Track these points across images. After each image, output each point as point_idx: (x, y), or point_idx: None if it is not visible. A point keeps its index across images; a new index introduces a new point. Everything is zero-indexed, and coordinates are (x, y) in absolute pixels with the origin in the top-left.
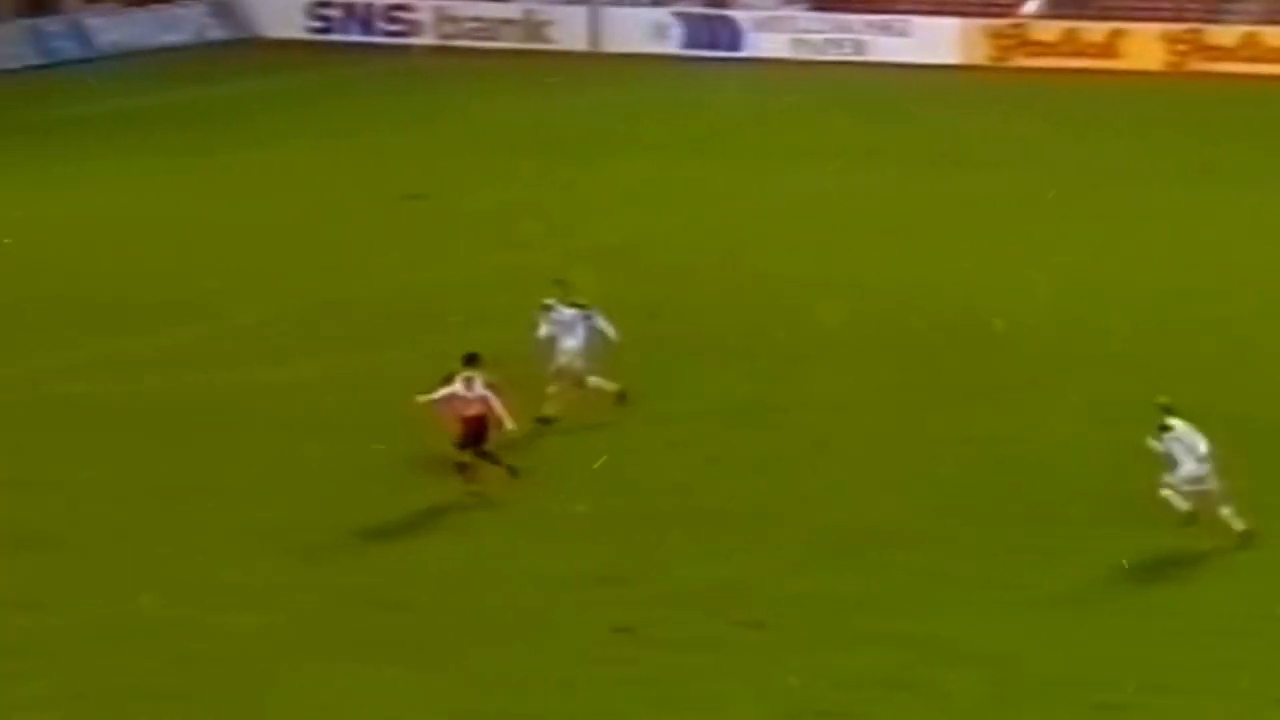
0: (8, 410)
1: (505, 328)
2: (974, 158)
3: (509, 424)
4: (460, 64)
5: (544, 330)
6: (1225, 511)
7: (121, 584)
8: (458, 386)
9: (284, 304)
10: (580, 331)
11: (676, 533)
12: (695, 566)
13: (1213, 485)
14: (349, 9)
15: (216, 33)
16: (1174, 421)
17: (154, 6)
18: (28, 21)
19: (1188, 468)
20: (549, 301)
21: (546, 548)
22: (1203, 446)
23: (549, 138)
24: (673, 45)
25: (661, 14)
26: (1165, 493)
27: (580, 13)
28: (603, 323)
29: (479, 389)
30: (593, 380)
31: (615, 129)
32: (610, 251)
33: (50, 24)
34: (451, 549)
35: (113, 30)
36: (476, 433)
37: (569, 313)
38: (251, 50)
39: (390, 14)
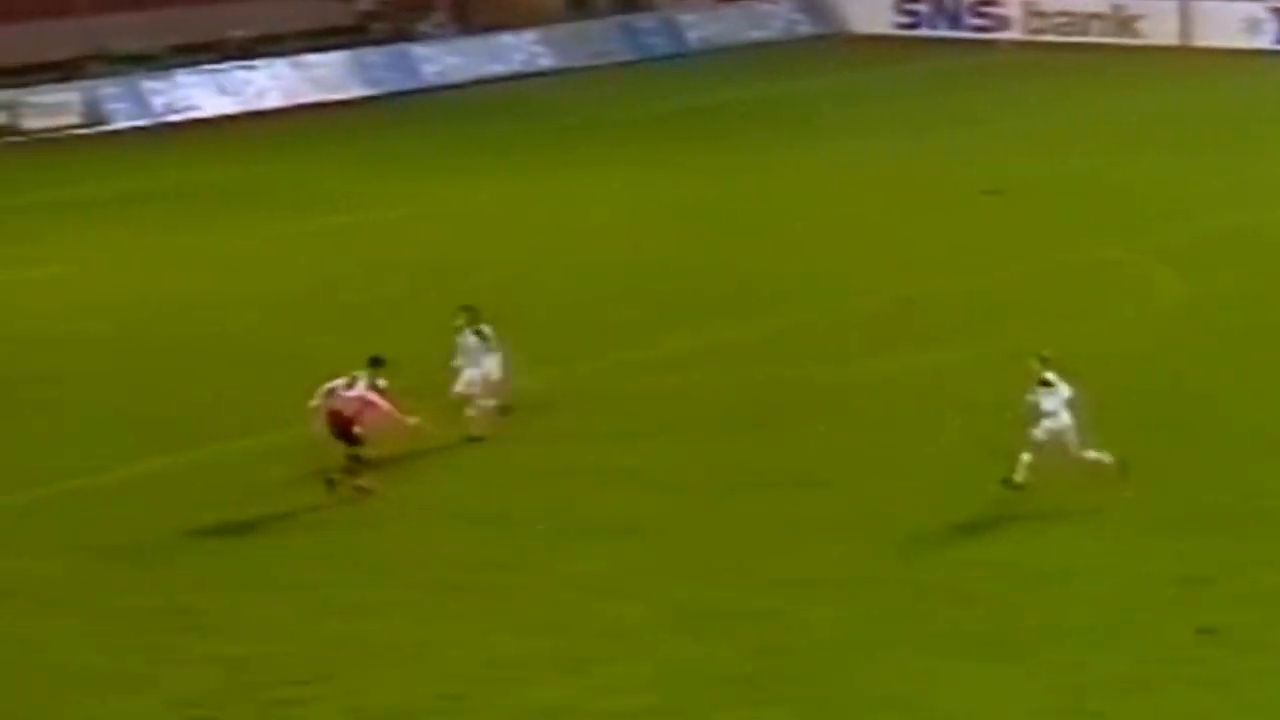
0: (594, 402)
1: (1079, 324)
2: None
3: (411, 421)
4: (1046, 59)
5: (457, 359)
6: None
7: (701, 573)
8: (339, 383)
9: (853, 300)
10: (484, 360)
11: (1260, 533)
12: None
13: (1072, 436)
14: (937, 4)
15: (805, 29)
16: (1050, 375)
17: (743, 3)
18: (622, 18)
19: (1059, 420)
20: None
21: (1127, 546)
22: (1067, 394)
23: (1133, 134)
24: (1267, 40)
25: (1256, 8)
26: (1025, 457)
27: (1171, 7)
28: (499, 357)
29: (359, 389)
30: (483, 402)
31: (1205, 125)
32: (1189, 249)
33: (643, 20)
34: (1029, 544)
35: (702, 26)
36: (340, 430)
37: (473, 340)
38: (839, 46)
39: (978, 9)
